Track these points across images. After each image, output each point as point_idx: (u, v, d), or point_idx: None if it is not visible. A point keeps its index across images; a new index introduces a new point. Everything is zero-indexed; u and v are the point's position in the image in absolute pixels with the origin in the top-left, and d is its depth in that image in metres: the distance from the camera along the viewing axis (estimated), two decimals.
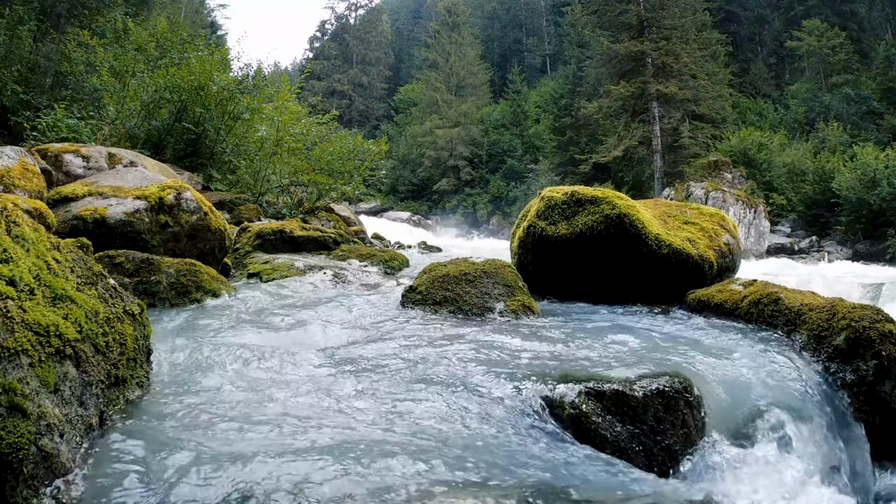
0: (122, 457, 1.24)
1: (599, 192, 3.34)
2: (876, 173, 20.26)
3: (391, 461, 1.25)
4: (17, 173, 3.82)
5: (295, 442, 1.34)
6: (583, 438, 1.61)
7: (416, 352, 2.16)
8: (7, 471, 0.97)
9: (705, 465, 1.70)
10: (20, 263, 1.24)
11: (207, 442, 1.32)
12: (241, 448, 1.29)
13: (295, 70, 53.68)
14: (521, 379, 1.79)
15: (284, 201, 8.66)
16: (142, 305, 1.66)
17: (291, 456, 1.25)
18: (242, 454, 1.25)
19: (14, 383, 1.03)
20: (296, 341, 2.29)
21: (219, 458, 1.23)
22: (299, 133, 9.25)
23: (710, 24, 29.48)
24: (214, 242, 3.98)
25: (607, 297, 3.36)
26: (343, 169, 9.25)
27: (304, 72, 13.00)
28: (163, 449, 1.27)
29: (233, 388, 1.71)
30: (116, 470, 1.20)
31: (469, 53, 42.13)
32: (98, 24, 13.61)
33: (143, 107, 8.49)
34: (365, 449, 1.31)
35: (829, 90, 29.78)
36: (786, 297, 2.59)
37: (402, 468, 1.23)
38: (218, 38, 29.65)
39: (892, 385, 2.11)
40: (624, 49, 25.68)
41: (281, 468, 1.19)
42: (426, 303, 2.84)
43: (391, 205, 37.07)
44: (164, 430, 1.38)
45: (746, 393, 1.94)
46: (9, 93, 11.60)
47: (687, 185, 22.58)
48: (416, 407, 1.62)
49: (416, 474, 1.22)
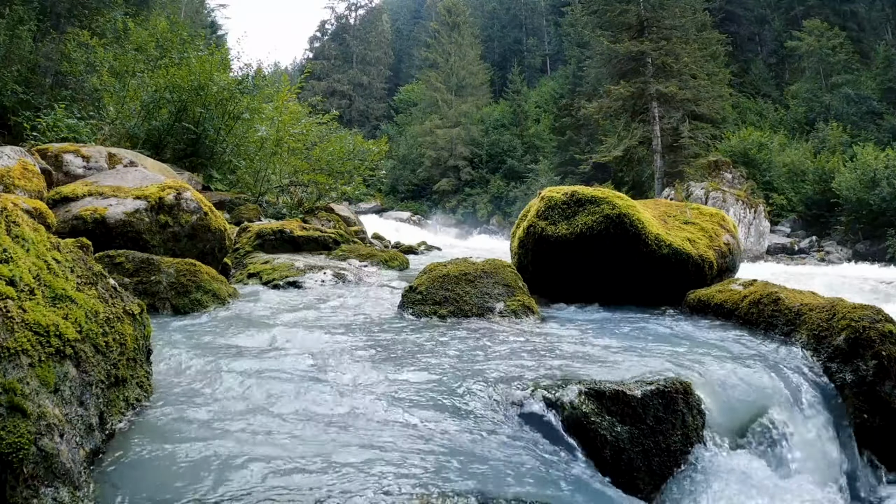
0: (122, 457, 1.25)
1: (599, 192, 3.34)
2: (876, 173, 20.26)
3: (385, 468, 1.24)
4: (17, 173, 3.82)
5: (294, 443, 1.34)
6: (583, 439, 1.61)
7: (415, 352, 2.16)
8: (7, 471, 0.97)
9: (705, 465, 1.70)
10: (20, 263, 1.24)
11: (207, 441, 1.32)
12: (240, 448, 1.29)
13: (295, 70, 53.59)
14: (521, 379, 1.79)
15: (284, 201, 8.66)
16: (142, 305, 1.66)
17: (289, 457, 1.25)
18: (242, 454, 1.25)
19: (14, 383, 1.03)
20: (295, 341, 2.29)
21: (219, 458, 1.23)
22: (299, 133, 9.25)
23: (710, 24, 29.45)
24: (214, 242, 3.98)
25: (607, 297, 3.36)
26: (343, 169, 9.25)
27: (304, 72, 13.00)
28: (163, 449, 1.27)
29: (231, 388, 1.71)
30: (116, 470, 1.20)
31: (469, 53, 42.12)
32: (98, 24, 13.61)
33: (143, 107, 8.49)
34: (361, 450, 1.31)
35: (829, 90, 29.76)
36: (786, 297, 2.59)
37: (398, 471, 1.23)
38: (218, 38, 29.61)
39: (892, 385, 2.11)
40: (624, 49, 25.67)
41: (280, 468, 1.19)
42: (426, 303, 2.84)
43: (391, 205, 37.06)
44: (163, 429, 1.38)
45: (746, 393, 1.93)
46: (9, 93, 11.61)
47: (687, 185, 22.58)
48: (415, 407, 1.62)
49: (415, 475, 1.22)
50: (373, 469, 1.22)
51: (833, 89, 29.60)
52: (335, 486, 1.14)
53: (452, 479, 1.22)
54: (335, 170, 9.12)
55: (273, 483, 1.14)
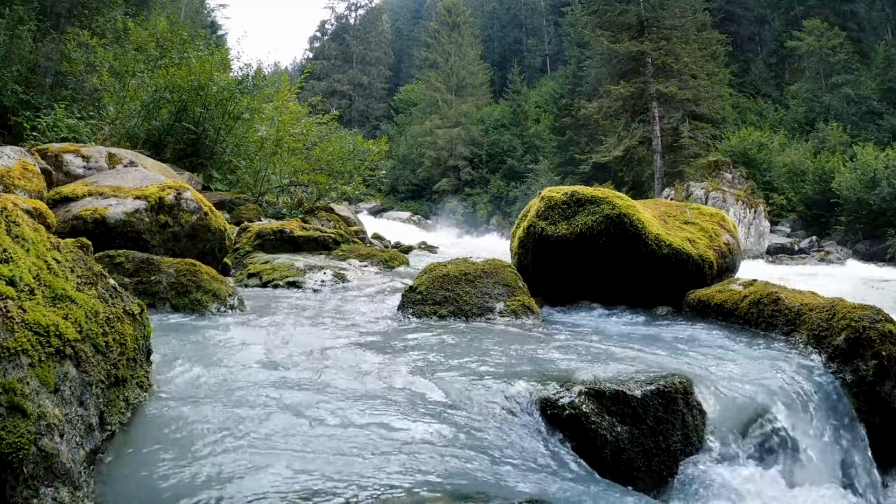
0: (122, 457, 1.25)
1: (599, 192, 3.34)
2: (876, 173, 20.27)
3: (385, 467, 1.24)
4: (17, 173, 3.82)
5: (294, 443, 1.34)
6: (583, 439, 1.61)
7: (414, 352, 2.16)
8: (7, 471, 0.97)
9: (705, 465, 1.70)
10: (20, 263, 1.24)
11: (207, 441, 1.32)
12: (240, 448, 1.29)
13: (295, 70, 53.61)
14: (521, 379, 1.79)
15: (284, 201, 8.66)
16: (142, 305, 1.66)
17: (289, 456, 1.25)
18: (242, 454, 1.25)
19: (14, 383, 1.03)
20: (295, 341, 2.29)
21: (219, 459, 1.23)
22: (299, 133, 9.25)
23: (710, 24, 29.44)
24: (214, 242, 3.98)
25: (607, 297, 3.36)
26: (343, 169, 9.25)
27: (304, 72, 13.00)
28: (163, 449, 1.27)
29: (231, 388, 1.71)
30: (117, 470, 1.20)
31: (469, 53, 42.13)
32: (98, 24, 13.61)
33: (143, 107, 8.49)
34: (361, 449, 1.31)
35: (829, 90, 29.76)
36: (786, 298, 2.59)
37: (399, 470, 1.23)
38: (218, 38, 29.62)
39: (892, 385, 2.11)
40: (624, 49, 25.68)
41: (280, 468, 1.19)
42: (426, 303, 2.84)
43: (391, 205, 37.05)
44: (164, 429, 1.38)
45: (746, 393, 1.93)
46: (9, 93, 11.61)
47: (687, 185, 22.59)
48: (415, 407, 1.62)
49: (416, 474, 1.22)
50: (373, 468, 1.22)
51: (833, 89, 29.61)
52: (335, 486, 1.14)
53: (452, 478, 1.22)
54: (335, 170, 9.13)
55: (273, 483, 1.14)
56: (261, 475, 1.16)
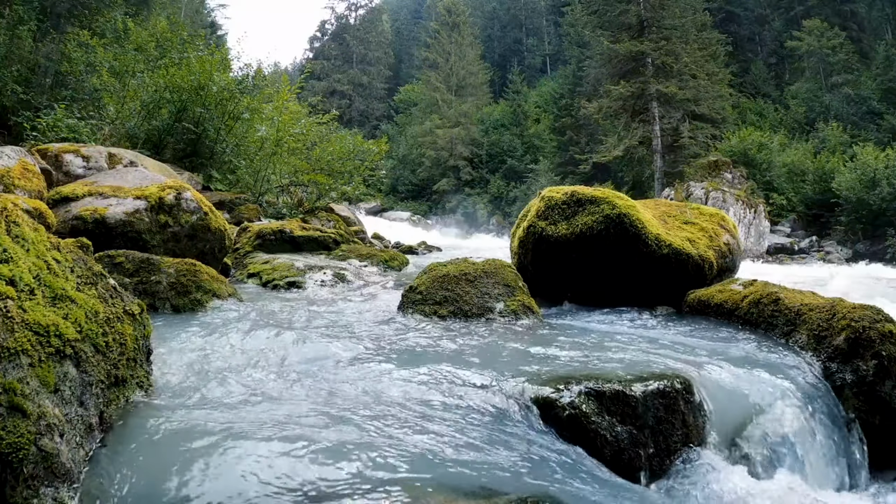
0: (122, 456, 1.24)
1: (599, 192, 3.34)
2: (876, 173, 20.25)
3: (381, 471, 1.24)
4: (17, 173, 3.82)
5: (294, 443, 1.34)
6: (583, 439, 1.61)
7: (414, 352, 2.16)
8: (7, 471, 0.97)
9: (705, 465, 1.70)
10: (20, 263, 1.24)
11: (207, 441, 1.32)
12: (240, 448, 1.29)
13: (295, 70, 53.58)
14: (521, 379, 1.79)
15: (284, 201, 8.66)
16: (142, 305, 1.66)
17: (289, 456, 1.25)
18: (241, 454, 1.25)
19: (14, 383, 1.03)
20: (295, 342, 2.29)
21: (219, 458, 1.23)
22: (299, 133, 9.25)
23: (710, 24, 29.45)
24: (214, 242, 3.98)
25: (607, 297, 3.36)
26: (343, 169, 9.25)
27: (304, 72, 13.00)
28: (163, 448, 1.27)
29: (231, 388, 1.71)
30: (117, 469, 1.20)
31: (469, 53, 42.11)
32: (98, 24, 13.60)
33: (143, 107, 8.49)
34: (361, 449, 1.31)
35: (829, 90, 29.75)
36: (786, 297, 2.59)
37: (399, 469, 1.23)
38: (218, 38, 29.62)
39: (892, 385, 2.11)
40: (624, 49, 25.67)
41: (280, 468, 1.19)
42: (426, 303, 2.84)
43: (391, 205, 37.02)
44: (163, 429, 1.38)
45: (746, 393, 1.93)
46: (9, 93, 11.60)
47: (687, 185, 22.58)
48: (414, 408, 1.62)
49: (418, 473, 1.22)
50: (374, 468, 1.22)
51: (833, 89, 29.60)
52: (335, 485, 1.14)
53: (453, 475, 1.22)
54: (335, 170, 9.13)
55: (273, 483, 1.14)
56: (260, 474, 1.16)
